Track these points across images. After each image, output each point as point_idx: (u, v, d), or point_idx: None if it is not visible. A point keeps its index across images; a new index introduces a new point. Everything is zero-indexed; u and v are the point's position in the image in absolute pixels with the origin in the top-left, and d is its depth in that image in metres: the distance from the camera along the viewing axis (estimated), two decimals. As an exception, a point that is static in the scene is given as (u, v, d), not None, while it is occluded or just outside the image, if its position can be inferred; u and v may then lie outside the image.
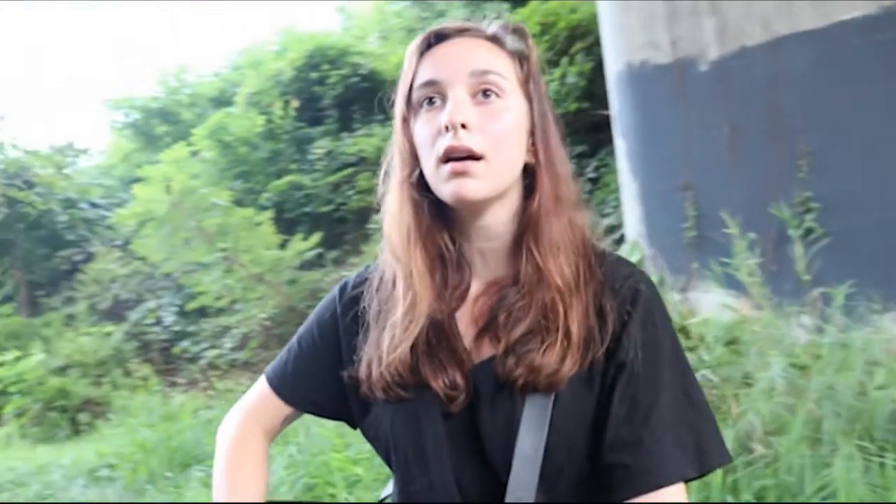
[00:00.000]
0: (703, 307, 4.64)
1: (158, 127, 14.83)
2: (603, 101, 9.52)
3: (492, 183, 1.05)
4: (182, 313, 9.54)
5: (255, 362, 8.24)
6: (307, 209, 10.04)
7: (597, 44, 9.65)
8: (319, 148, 10.54)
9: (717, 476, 2.71)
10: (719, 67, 5.17)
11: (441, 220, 1.12)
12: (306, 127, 11.18)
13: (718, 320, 4.14)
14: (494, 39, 1.10)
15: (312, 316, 1.26)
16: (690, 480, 1.04)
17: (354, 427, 1.24)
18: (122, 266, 11.77)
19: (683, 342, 3.82)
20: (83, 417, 8.32)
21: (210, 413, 6.14)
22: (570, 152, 1.17)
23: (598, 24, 9.50)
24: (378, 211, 1.17)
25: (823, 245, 4.51)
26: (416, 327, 1.08)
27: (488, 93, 1.06)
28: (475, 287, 1.13)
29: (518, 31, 1.12)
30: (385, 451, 1.15)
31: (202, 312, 9.18)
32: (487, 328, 1.09)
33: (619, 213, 7.73)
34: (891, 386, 2.89)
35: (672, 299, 4.91)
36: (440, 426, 1.07)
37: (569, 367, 1.03)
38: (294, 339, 1.27)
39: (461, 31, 1.10)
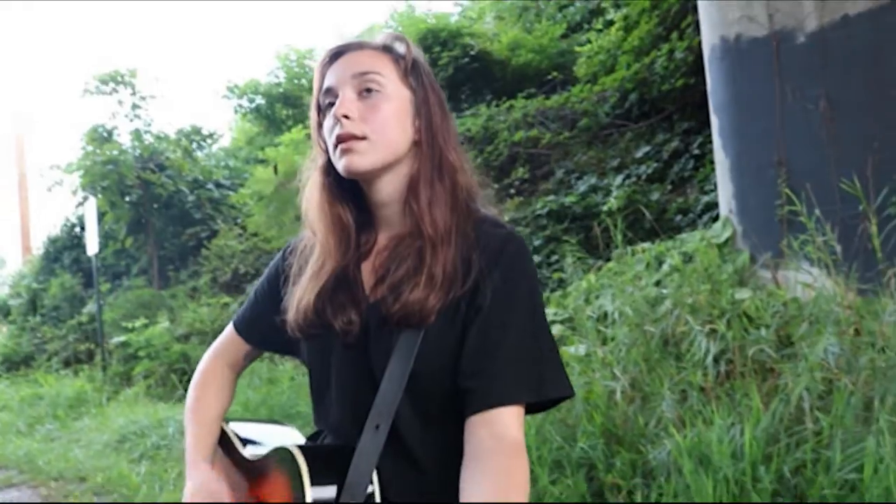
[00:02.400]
0: (792, 284, 4.53)
1: (281, 111, 15.42)
2: (712, 78, 9.33)
3: (375, 157, 1.30)
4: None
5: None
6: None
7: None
8: (429, 129, 10.80)
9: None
10: (818, 39, 5.00)
11: (350, 193, 1.39)
12: (416, 110, 11.44)
13: (804, 298, 4.05)
14: (379, 48, 1.37)
15: (263, 274, 1.56)
16: (530, 408, 1.25)
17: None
18: (241, 242, 12.40)
19: (771, 319, 3.76)
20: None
21: (306, 378, 6.50)
22: (675, 129, 1.31)
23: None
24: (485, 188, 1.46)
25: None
26: (320, 281, 1.35)
27: (370, 89, 1.32)
28: (380, 242, 1.39)
29: (398, 39, 1.38)
30: (308, 380, 1.44)
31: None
32: (384, 275, 1.34)
33: (716, 191, 7.58)
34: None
35: (761, 276, 4.83)
36: (341, 356, 1.34)
37: (432, 304, 1.24)
38: (252, 289, 1.58)
39: (350, 47, 1.37)
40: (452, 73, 11.87)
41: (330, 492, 1.23)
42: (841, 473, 2.65)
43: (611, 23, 12.44)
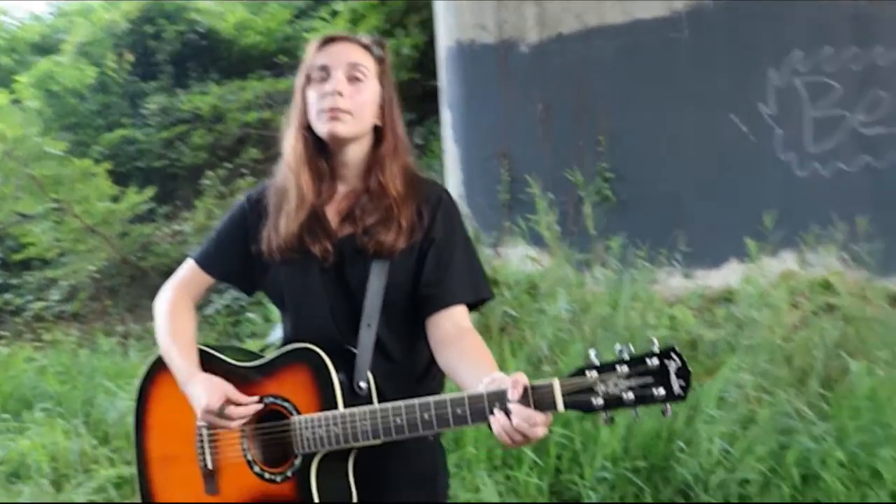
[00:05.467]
0: (513, 260, 5.30)
1: (-29, 71, 13.95)
2: (434, 74, 10.10)
3: (353, 128, 1.70)
4: (3, 265, 9.24)
5: (84, 314, 8.19)
6: (139, 164, 9.93)
7: (431, 18, 10.21)
8: (153, 103, 10.43)
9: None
10: (538, 51, 5.85)
11: (321, 151, 1.75)
12: (139, 81, 10.99)
13: (522, 270, 4.81)
14: (365, 46, 1.75)
15: (225, 217, 1.88)
16: (471, 306, 1.75)
17: (249, 294, 1.99)
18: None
19: (494, 290, 4.42)
20: None
21: (44, 360, 6.16)
22: (404, 120, 1.83)
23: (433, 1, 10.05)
24: (213, 168, 1.79)
25: (614, 208, 5.31)
26: (303, 213, 1.71)
27: (357, 77, 1.71)
28: (340, 192, 1.78)
29: (379, 43, 1.78)
30: (280, 298, 1.79)
31: (25, 265, 8.96)
32: (347, 217, 1.75)
33: (442, 178, 8.34)
34: (648, 315, 3.64)
35: (484, 254, 5.55)
36: (318, 275, 1.73)
37: (401, 244, 1.70)
38: (213, 232, 1.89)
39: (344, 38, 1.75)
40: (179, 48, 11.59)
41: (343, 377, 1.63)
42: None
43: (337, 13, 12.88)
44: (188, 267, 1.88)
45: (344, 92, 1.68)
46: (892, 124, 5.55)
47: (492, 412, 1.41)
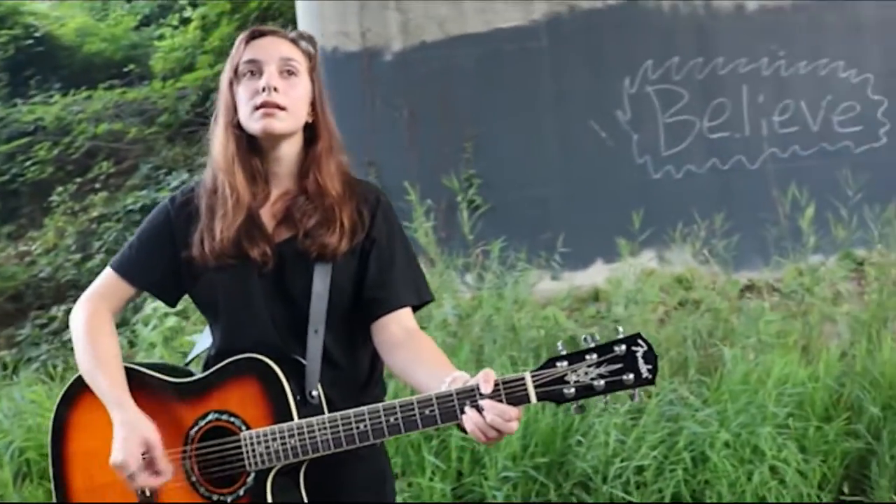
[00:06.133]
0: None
1: None
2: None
3: (287, 124, 1.62)
4: None
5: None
6: (-25, 180, 9.27)
7: (289, 25, 10.05)
8: (-12, 114, 9.77)
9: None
10: (402, 59, 5.87)
11: (253, 151, 1.66)
12: (-32, 90, 10.27)
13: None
14: (294, 41, 1.68)
15: (146, 222, 1.75)
16: (414, 308, 1.70)
17: (172, 304, 1.82)
18: None
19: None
20: None
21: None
22: None
23: (292, 8, 9.90)
24: (63, 183, 1.67)
25: (484, 213, 5.39)
26: (239, 216, 1.62)
27: (290, 72, 1.64)
28: (273, 194, 1.69)
29: (308, 39, 1.71)
30: (213, 307, 1.68)
31: None
32: (283, 220, 1.66)
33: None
34: (525, 317, 3.73)
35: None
36: (256, 281, 1.63)
37: (344, 246, 1.63)
38: (133, 238, 1.75)
39: (273, 32, 1.68)
40: (13, 54, 10.91)
41: (294, 386, 1.56)
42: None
43: (187, 20, 12.48)
44: (107, 277, 1.74)
45: (278, 87, 1.61)
46: (734, 129, 5.96)
47: (462, 411, 1.39)
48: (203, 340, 1.82)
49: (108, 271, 1.74)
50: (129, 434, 1.53)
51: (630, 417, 3.30)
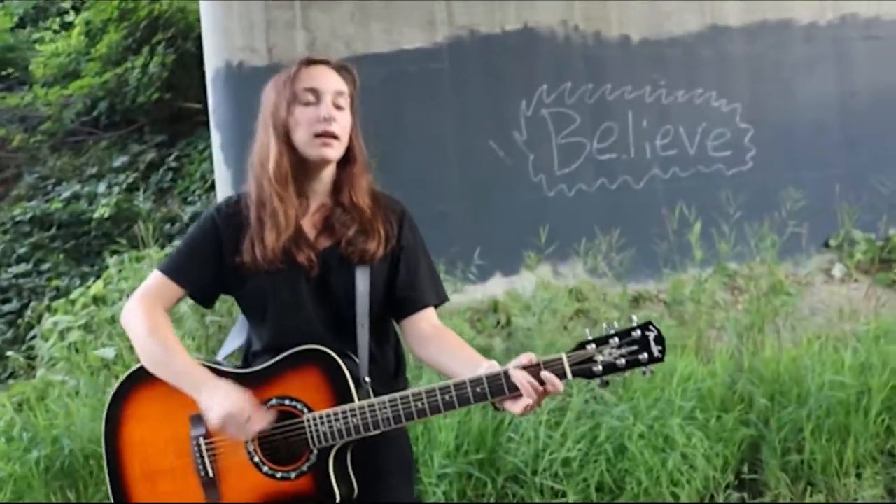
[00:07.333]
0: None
1: None
2: (186, 94, 9.82)
3: (339, 152, 1.87)
4: None
5: None
6: None
7: (180, 36, 9.91)
8: None
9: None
10: (308, 76, 5.97)
11: (301, 167, 1.87)
12: None
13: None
14: (342, 72, 1.91)
15: (194, 229, 1.96)
16: (435, 306, 1.97)
17: (208, 306, 2.02)
18: None
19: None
20: None
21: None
22: (149, 141, 2.03)
23: (186, 19, 9.80)
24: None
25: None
26: (290, 228, 1.83)
27: (341, 104, 1.86)
28: (312, 206, 1.91)
29: (351, 70, 1.94)
30: (260, 307, 1.87)
31: None
32: (323, 229, 1.90)
33: (206, 201, 8.19)
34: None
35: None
36: (304, 284, 1.85)
37: (381, 252, 1.88)
38: (181, 244, 1.95)
39: (326, 62, 1.91)
40: None
41: (355, 370, 1.80)
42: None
43: (69, 24, 12.10)
44: (155, 278, 1.90)
45: (336, 119, 1.83)
46: (621, 151, 6.39)
47: (510, 388, 1.65)
48: (232, 340, 2.03)
49: (156, 274, 1.91)
50: (228, 392, 1.72)
51: (554, 415, 3.60)
